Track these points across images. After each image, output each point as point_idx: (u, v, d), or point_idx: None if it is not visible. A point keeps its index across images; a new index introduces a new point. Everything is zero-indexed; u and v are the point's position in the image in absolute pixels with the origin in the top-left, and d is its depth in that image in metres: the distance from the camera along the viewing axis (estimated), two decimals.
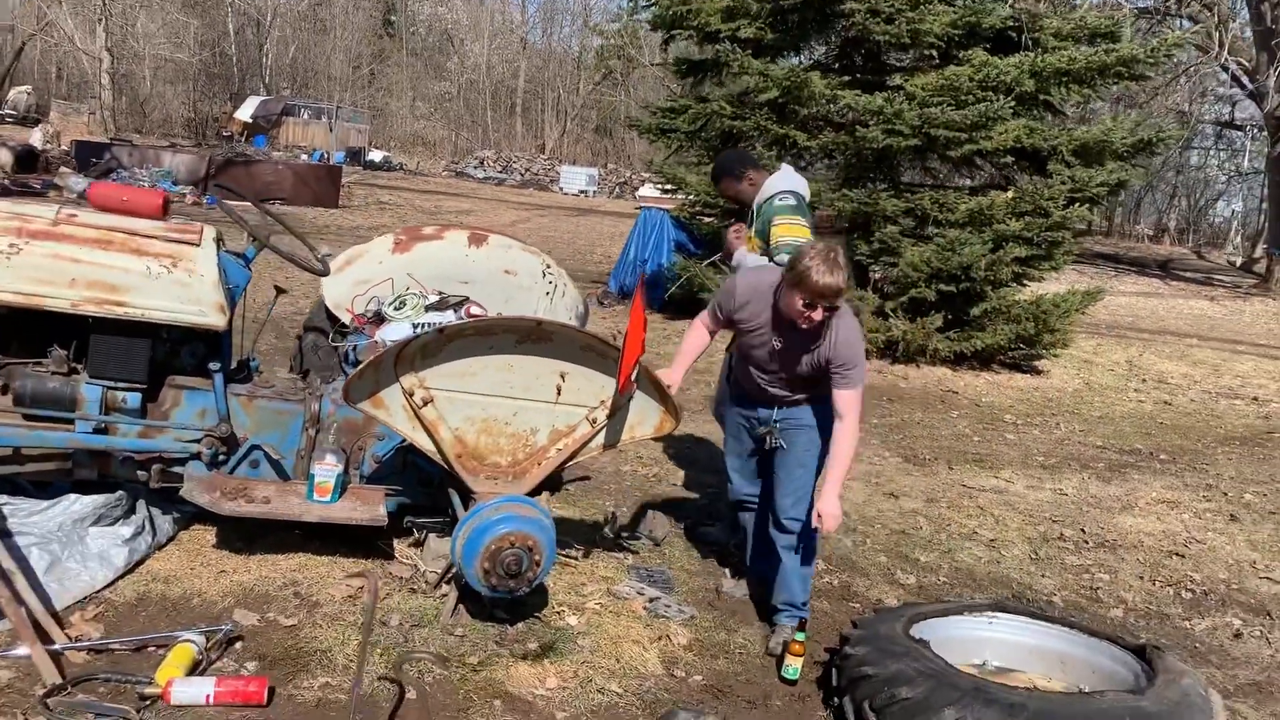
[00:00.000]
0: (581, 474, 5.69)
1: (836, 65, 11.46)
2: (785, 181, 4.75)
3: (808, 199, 4.79)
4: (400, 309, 4.04)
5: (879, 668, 3.27)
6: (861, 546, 5.20)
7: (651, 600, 4.15)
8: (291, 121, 39.27)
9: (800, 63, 11.58)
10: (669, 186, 12.30)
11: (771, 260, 4.56)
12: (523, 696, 3.33)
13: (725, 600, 4.34)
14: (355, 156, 36.86)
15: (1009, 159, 10.64)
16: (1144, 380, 11.08)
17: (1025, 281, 10.62)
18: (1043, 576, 5.06)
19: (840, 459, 3.74)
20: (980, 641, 3.78)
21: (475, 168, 42.50)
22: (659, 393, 3.78)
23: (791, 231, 4.53)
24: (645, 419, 3.83)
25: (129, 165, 18.09)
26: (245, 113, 39.15)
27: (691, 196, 11.93)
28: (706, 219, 12.25)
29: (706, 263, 11.38)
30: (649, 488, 5.72)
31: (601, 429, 3.77)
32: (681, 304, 11.75)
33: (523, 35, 57.22)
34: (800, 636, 3.69)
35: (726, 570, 4.60)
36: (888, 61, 11.24)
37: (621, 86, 48.24)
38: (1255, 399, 10.60)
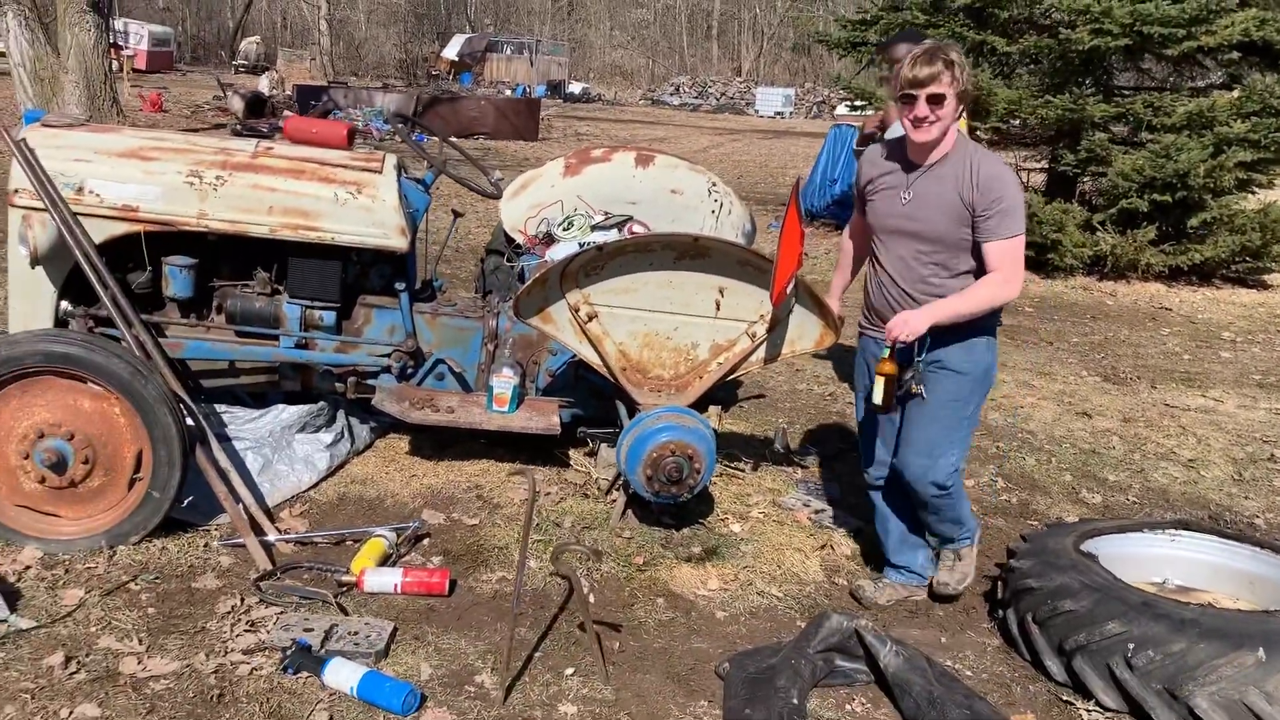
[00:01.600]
0: (757, 391, 5.76)
1: None
2: None
3: None
4: (568, 229, 4.20)
5: (1043, 580, 3.21)
6: (1046, 465, 5.04)
7: (817, 512, 4.20)
8: (495, 57, 40.33)
9: None
10: (859, 103, 11.93)
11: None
12: (685, 595, 3.48)
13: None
14: (555, 89, 37.55)
15: (1235, 55, 9.69)
16: None
17: (1251, 189, 9.75)
18: (1246, 499, 4.76)
19: (964, 297, 3.14)
20: (1160, 559, 3.62)
21: (671, 95, 42.45)
22: (818, 306, 3.77)
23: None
24: (805, 333, 3.84)
25: (344, 106, 19.19)
26: (451, 51, 40.50)
27: (882, 111, 11.54)
28: None
29: None
30: (824, 406, 5.73)
31: (761, 343, 3.81)
32: None
33: None
34: None
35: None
36: None
37: (818, 1, 46.74)
38: None
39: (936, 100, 3.05)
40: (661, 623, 3.30)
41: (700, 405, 3.89)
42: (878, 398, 3.27)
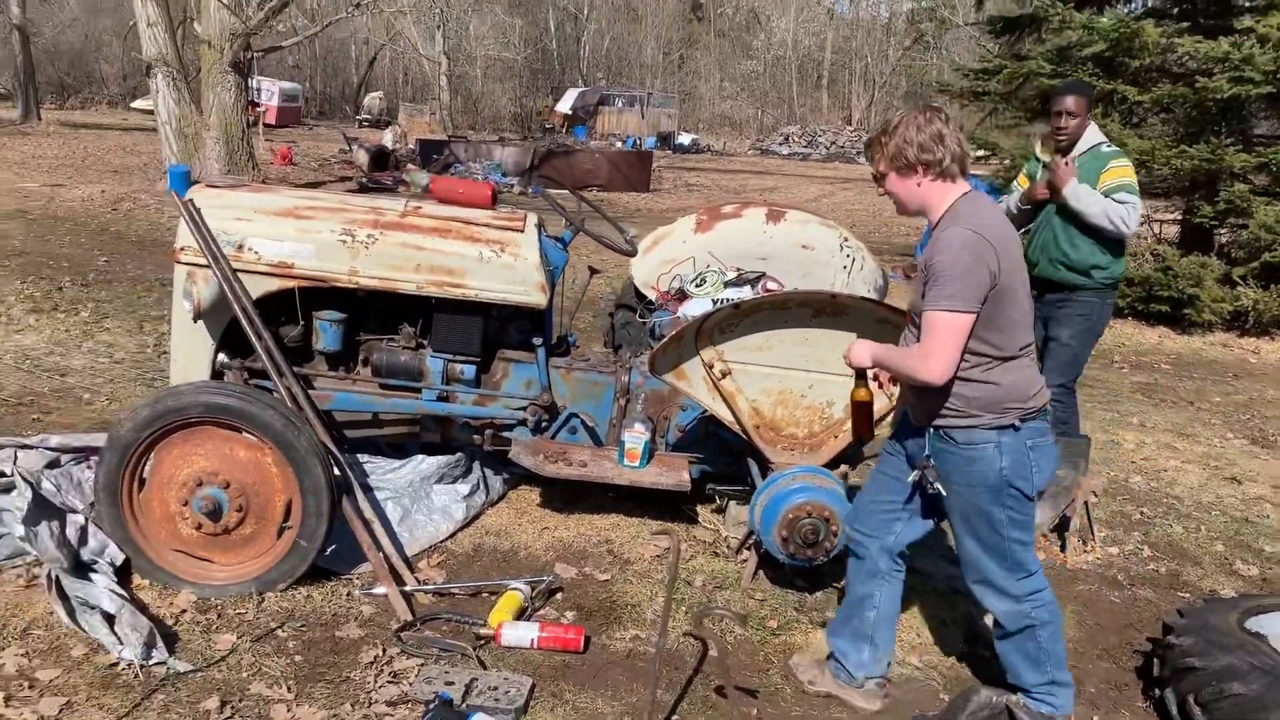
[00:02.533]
0: (879, 450, 5.64)
1: (1174, 10, 10.44)
2: (1099, 135, 4.68)
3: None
4: (700, 285, 4.22)
5: (1207, 660, 3.04)
6: (1195, 534, 4.80)
7: (954, 578, 4.07)
8: (607, 110, 41.06)
9: (1130, 11, 10.65)
10: (981, 152, 11.74)
11: (1110, 198, 4.47)
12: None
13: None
14: (665, 140, 37.99)
15: None
16: None
17: None
18: None
19: (899, 352, 2.92)
20: None
21: (780, 144, 42.53)
22: None
23: (1123, 174, 4.48)
24: None
25: (464, 159, 19.76)
26: (565, 105, 41.42)
27: (1006, 162, 11.34)
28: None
29: (1023, 230, 10.79)
30: None
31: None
32: None
33: (829, 6, 56.39)
34: None
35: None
36: (1234, 2, 10.10)
37: (933, 50, 46.38)
38: None
39: (877, 179, 3.00)
40: (799, 690, 3.23)
41: (831, 465, 3.84)
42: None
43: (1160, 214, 11.42)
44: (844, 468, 4.06)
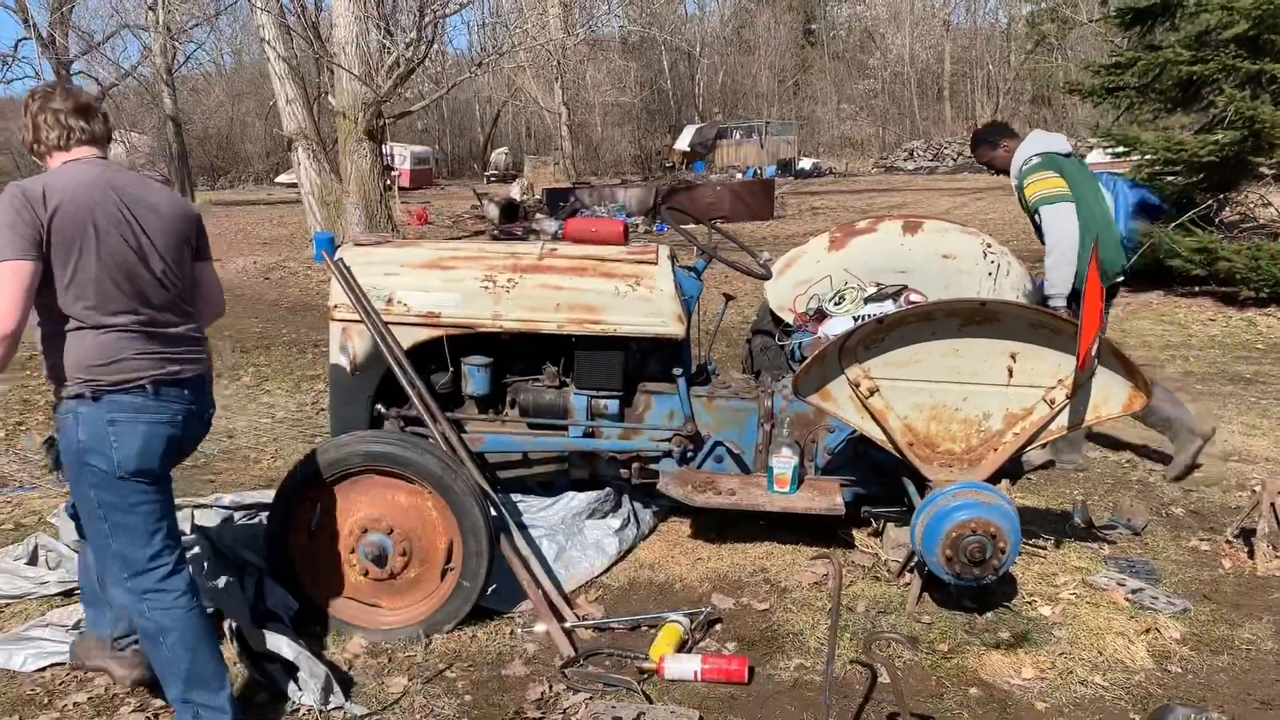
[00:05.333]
0: (1044, 461, 5.41)
1: None
2: (1032, 146, 4.90)
3: (1064, 152, 4.89)
4: (839, 304, 4.14)
5: None
6: None
7: (1134, 591, 3.85)
8: (725, 144, 41.22)
9: None
10: (1121, 149, 11.25)
11: (1033, 218, 4.79)
12: (998, 685, 3.25)
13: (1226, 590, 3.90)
14: (785, 168, 37.86)
15: None
16: None
17: None
18: None
19: None
20: None
21: (904, 160, 41.81)
22: (1125, 366, 3.51)
23: (1043, 185, 4.68)
24: (1111, 396, 3.58)
25: (589, 204, 20.12)
26: (683, 143, 41.79)
27: (1149, 156, 10.83)
28: (1169, 178, 11.06)
29: (1174, 225, 10.28)
30: (1120, 474, 5.30)
31: (1061, 410, 3.58)
32: (1145, 274, 10.69)
33: (945, 17, 55.32)
34: None
35: None
36: None
37: (1058, 50, 44.94)
38: None
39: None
40: (977, 714, 3.10)
41: (992, 480, 3.69)
42: None
43: None
44: (1005, 482, 3.91)
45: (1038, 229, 4.80)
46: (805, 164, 40.12)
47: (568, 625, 3.55)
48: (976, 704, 3.15)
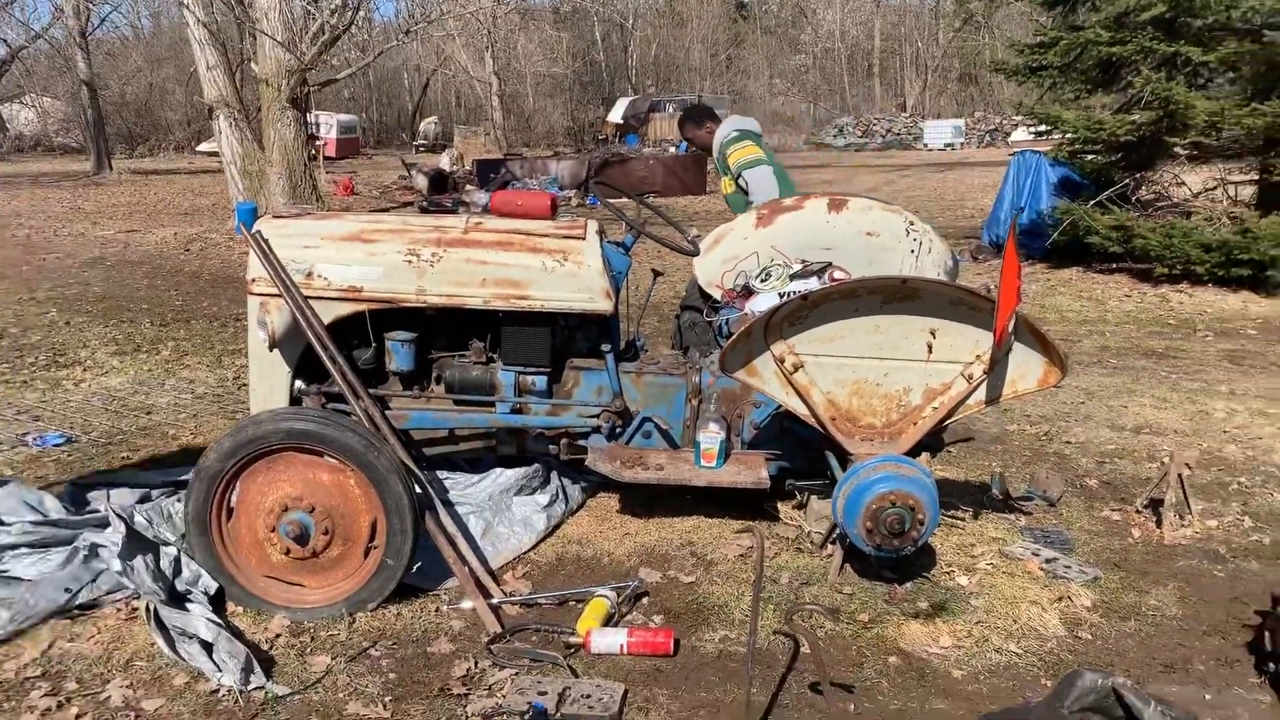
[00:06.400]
0: (964, 435, 5.53)
1: None
2: (730, 125, 5.58)
3: (757, 132, 5.58)
4: (766, 280, 4.18)
5: None
6: None
7: (1048, 561, 3.97)
8: (658, 117, 41.11)
9: None
10: (1043, 128, 11.50)
11: (737, 183, 5.38)
12: (916, 654, 3.33)
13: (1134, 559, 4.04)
14: None
15: None
16: None
17: None
18: None
19: None
20: None
21: (834, 136, 42.17)
22: (1041, 342, 3.60)
23: (743, 153, 5.33)
24: (1027, 372, 3.67)
25: (521, 176, 19.95)
26: (616, 115, 41.58)
27: (1070, 135, 11.09)
28: (1089, 156, 11.34)
29: (1093, 203, 10.54)
30: (1039, 447, 5.45)
31: (979, 385, 3.66)
32: (1066, 251, 10.97)
33: None
34: None
35: None
36: None
37: (985, 29, 45.61)
38: None
39: None
40: (895, 683, 3.16)
41: (912, 453, 3.77)
42: None
43: (1234, 175, 11.05)
44: (925, 455, 3.98)
45: (729, 200, 5.46)
46: None
47: (494, 602, 3.54)
48: (895, 673, 3.22)
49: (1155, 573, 3.94)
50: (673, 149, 32.24)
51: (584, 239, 3.88)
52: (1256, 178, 10.42)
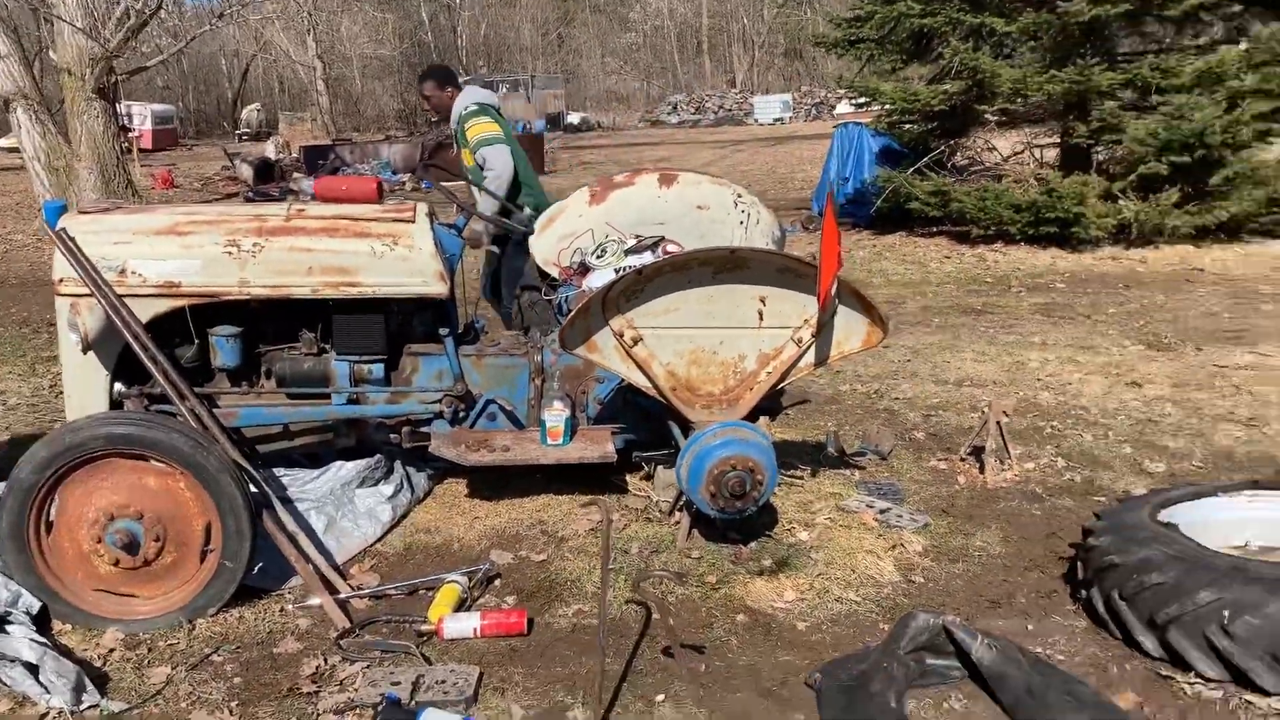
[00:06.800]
0: (800, 398, 5.73)
1: None
2: (470, 96, 5.64)
3: (496, 105, 5.73)
4: (601, 257, 4.21)
5: (1126, 555, 3.16)
6: (1104, 439, 4.98)
7: (882, 511, 4.17)
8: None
9: None
10: (864, 100, 11.95)
11: (475, 158, 5.40)
12: (763, 609, 3.45)
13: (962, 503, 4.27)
14: (554, 122, 37.80)
15: (1237, 7, 9.63)
16: None
17: (1269, 139, 9.63)
18: None
19: None
20: (1239, 522, 3.56)
21: (669, 114, 42.65)
22: (863, 304, 3.76)
23: (482, 129, 5.41)
24: (852, 333, 3.82)
25: (351, 162, 19.39)
26: None
27: (888, 106, 11.56)
28: (907, 125, 11.85)
29: (912, 170, 11.03)
30: (870, 404, 5.70)
31: (809, 348, 3.79)
32: (890, 218, 11.45)
33: None
34: None
35: None
36: None
37: (806, 4, 46.89)
38: None
39: None
40: (744, 640, 3.27)
41: (750, 417, 3.88)
42: None
43: (1039, 139, 11.76)
44: (765, 419, 4.11)
45: (469, 172, 5.50)
46: (574, 118, 40.22)
47: (341, 596, 3.47)
48: (743, 629, 3.33)
49: (980, 516, 4.19)
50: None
51: (413, 222, 3.81)
52: (1059, 141, 11.11)
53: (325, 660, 3.14)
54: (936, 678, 2.98)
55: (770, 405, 4.47)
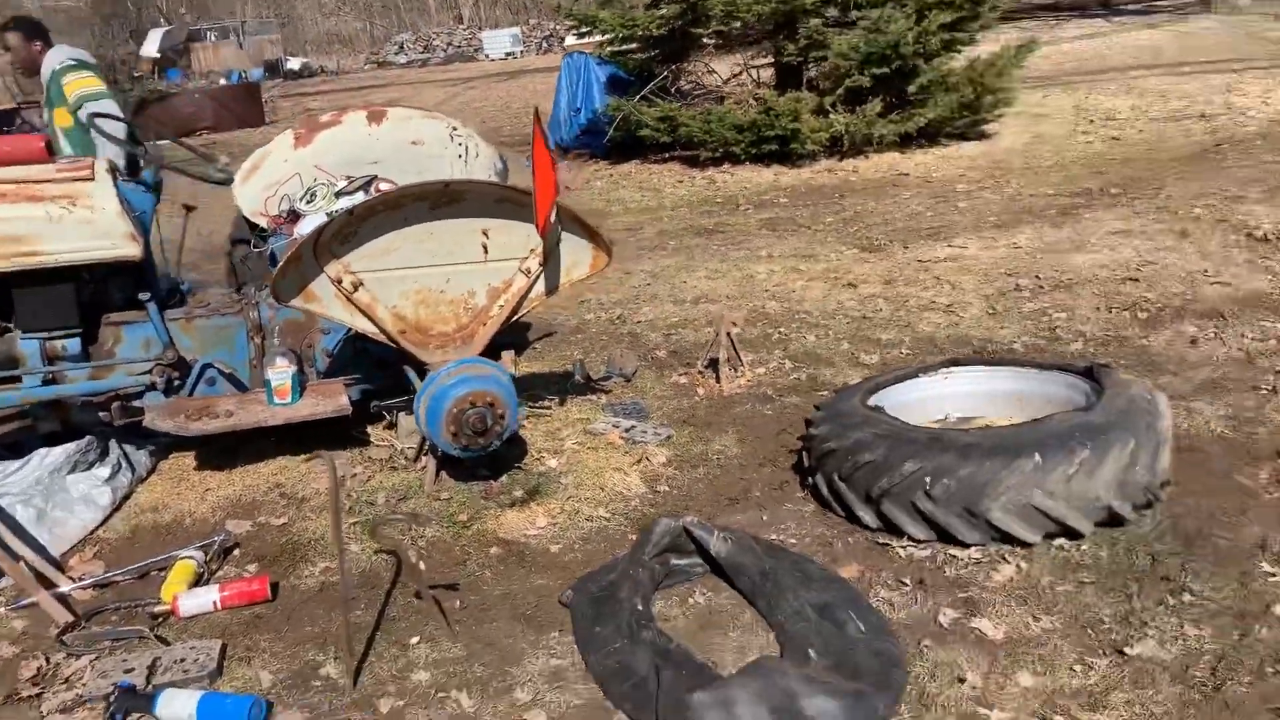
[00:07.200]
0: (546, 330, 5.77)
1: None
2: (64, 53, 5.32)
3: (92, 62, 5.39)
4: (311, 201, 4.03)
5: (841, 440, 3.40)
6: (825, 339, 5.31)
7: (628, 430, 4.28)
8: (199, 47, 37.70)
9: None
10: (585, 29, 11.96)
11: (75, 116, 4.99)
12: (515, 539, 3.48)
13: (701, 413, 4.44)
14: (273, 69, 35.64)
15: None
16: (1092, 121, 11.03)
17: (956, 48, 10.43)
18: (1002, 328, 5.19)
19: None
20: (939, 398, 3.90)
21: (396, 54, 41.15)
22: (585, 230, 3.79)
23: (84, 83, 5.07)
24: (579, 259, 3.87)
25: (42, 126, 17.53)
26: (150, 49, 37.50)
27: (609, 34, 11.62)
28: (630, 53, 11.97)
29: (639, 97, 11.19)
30: (614, 329, 5.81)
31: (538, 278, 3.81)
32: (624, 146, 11.60)
33: None
34: None
35: None
36: None
37: None
38: (1202, 115, 10.59)
39: None
40: (498, 571, 3.29)
41: (492, 353, 3.87)
42: None
43: (755, 60, 12.19)
44: (510, 353, 4.10)
45: (61, 134, 5.18)
46: (294, 64, 38.02)
47: (61, 590, 3.22)
48: (498, 562, 3.35)
49: (718, 422, 4.38)
50: (223, 79, 29.86)
51: (93, 180, 3.50)
52: (772, 60, 11.56)
53: (47, 660, 2.92)
54: (681, 576, 3.12)
55: (516, 341, 4.49)
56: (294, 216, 4.04)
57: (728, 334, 4.90)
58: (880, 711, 2.42)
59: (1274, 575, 2.91)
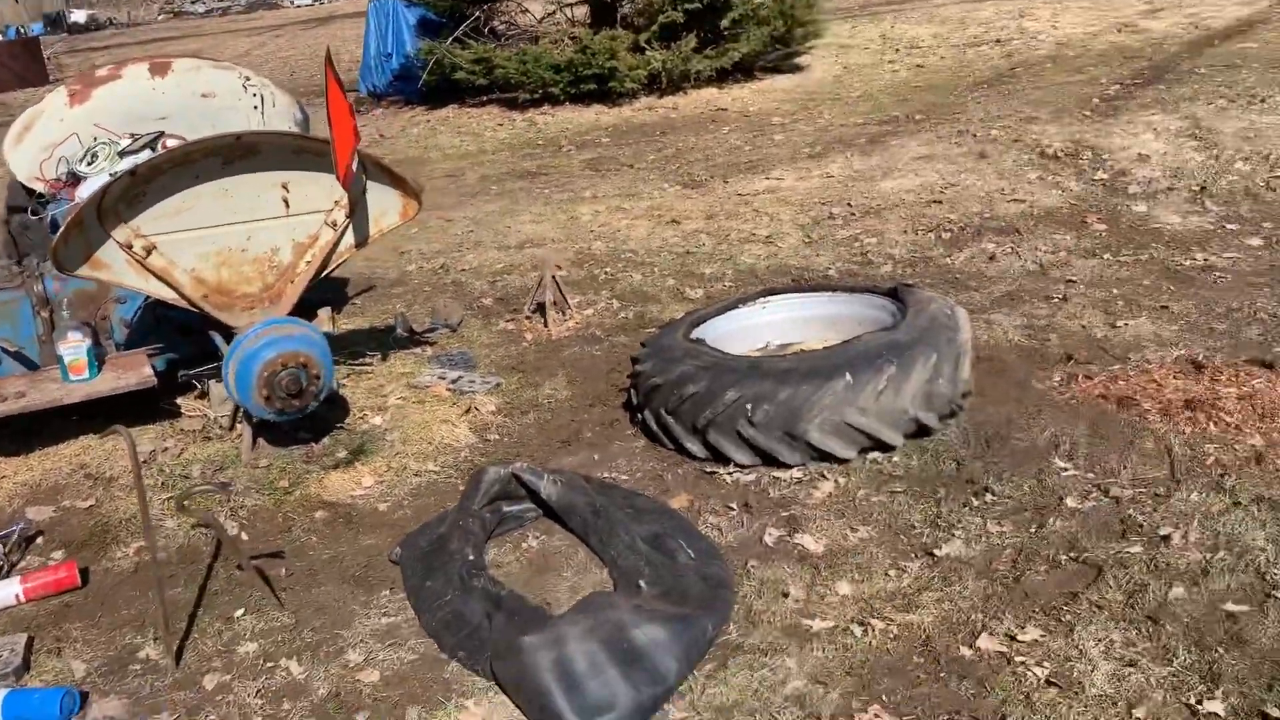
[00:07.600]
0: (365, 285, 5.60)
1: None
2: None
3: None
4: (92, 163, 3.76)
5: (666, 375, 3.44)
6: (650, 276, 5.35)
7: (454, 381, 4.22)
8: None
9: None
10: None
11: None
12: (341, 501, 3.40)
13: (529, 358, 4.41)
14: (55, 23, 32.97)
15: None
16: (897, 50, 11.40)
17: None
18: (817, 256, 5.35)
19: None
20: (759, 327, 3.99)
21: (193, 3, 38.68)
22: (391, 177, 3.68)
23: None
24: (388, 208, 3.75)
25: None
26: None
27: None
28: None
29: (451, 39, 10.88)
30: (437, 279, 5.69)
31: (345, 229, 3.67)
32: (440, 91, 11.28)
33: None
34: None
35: None
36: None
37: None
38: (998, 41, 11.09)
39: None
40: (324, 535, 3.21)
41: (306, 312, 3.73)
42: None
43: None
44: (326, 310, 3.96)
45: None
46: (79, 16, 35.25)
47: None
48: (324, 525, 3.27)
49: (547, 366, 4.37)
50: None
51: None
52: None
53: None
54: (514, 522, 3.12)
55: (334, 298, 4.34)
56: (74, 179, 3.75)
57: (553, 277, 4.88)
58: (709, 632, 2.49)
59: (1066, 470, 3.13)
